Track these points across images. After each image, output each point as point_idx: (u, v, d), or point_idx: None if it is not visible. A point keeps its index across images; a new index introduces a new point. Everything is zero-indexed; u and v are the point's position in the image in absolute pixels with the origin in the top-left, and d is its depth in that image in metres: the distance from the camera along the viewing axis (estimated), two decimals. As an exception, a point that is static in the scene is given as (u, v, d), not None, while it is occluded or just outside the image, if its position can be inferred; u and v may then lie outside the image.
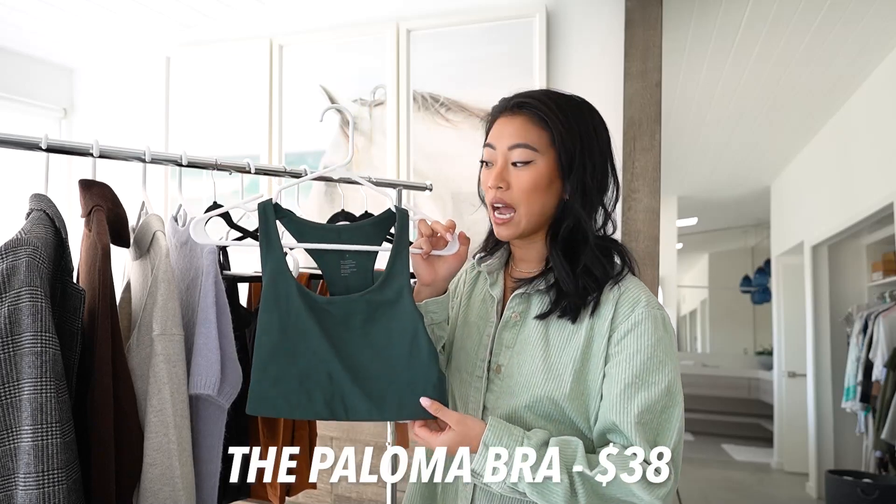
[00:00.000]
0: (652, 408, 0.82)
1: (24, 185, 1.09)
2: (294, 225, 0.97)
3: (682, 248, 7.71)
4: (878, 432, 3.15)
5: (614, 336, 0.87)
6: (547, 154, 0.89)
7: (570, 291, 0.89)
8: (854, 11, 2.39)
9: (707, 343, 9.10)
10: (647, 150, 1.74)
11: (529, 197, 0.89)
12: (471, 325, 1.01)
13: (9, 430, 0.82)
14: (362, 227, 0.99)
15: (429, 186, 1.66)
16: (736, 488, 4.63)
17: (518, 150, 0.89)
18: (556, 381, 0.88)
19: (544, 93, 0.93)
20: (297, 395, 0.86)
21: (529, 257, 0.98)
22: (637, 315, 0.86)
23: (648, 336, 0.85)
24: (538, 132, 0.89)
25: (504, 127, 0.92)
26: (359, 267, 0.97)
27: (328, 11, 2.18)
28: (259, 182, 2.19)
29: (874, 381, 3.35)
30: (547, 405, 0.88)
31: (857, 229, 3.68)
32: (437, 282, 0.99)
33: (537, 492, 0.80)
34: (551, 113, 0.89)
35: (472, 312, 1.03)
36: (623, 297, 0.88)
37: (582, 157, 0.89)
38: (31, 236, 0.87)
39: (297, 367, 0.87)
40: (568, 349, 0.89)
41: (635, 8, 1.77)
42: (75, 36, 2.37)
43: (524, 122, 0.90)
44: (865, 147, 3.32)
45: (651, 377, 0.83)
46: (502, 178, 0.90)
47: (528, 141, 0.89)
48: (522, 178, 0.89)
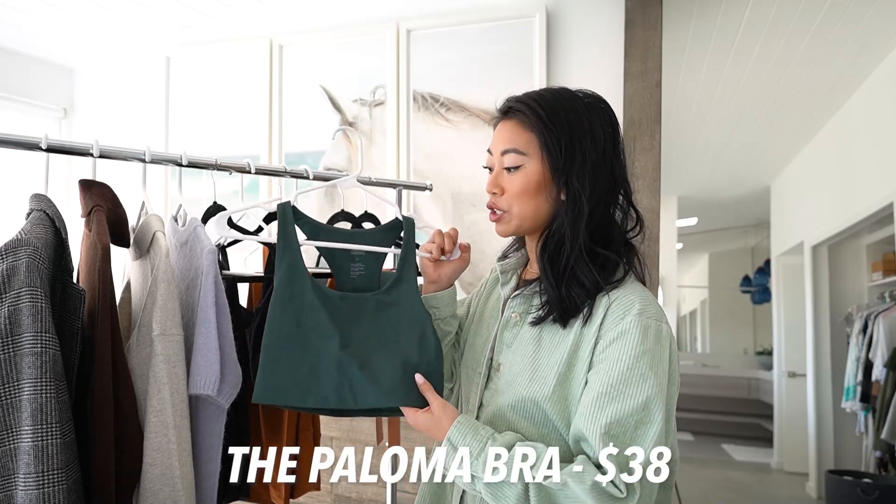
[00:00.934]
0: (623, 421, 0.77)
1: (24, 185, 1.09)
2: (309, 227, 1.01)
3: (682, 248, 7.71)
4: (877, 432, 3.15)
5: (600, 343, 0.83)
6: (536, 157, 0.89)
7: (552, 299, 0.88)
8: (854, 11, 2.39)
9: (707, 343, 9.10)
10: (647, 150, 1.74)
11: (520, 200, 0.91)
12: (483, 324, 1.04)
13: (9, 431, 0.82)
14: (372, 233, 1.05)
15: (429, 186, 1.66)
16: (736, 488, 4.63)
17: (508, 156, 0.91)
18: (539, 382, 0.86)
19: (536, 95, 0.91)
20: (308, 383, 0.88)
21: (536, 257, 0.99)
22: (626, 323, 0.81)
23: (633, 346, 0.80)
24: (527, 136, 0.89)
25: (499, 132, 0.94)
26: (367, 270, 1.02)
27: (328, 11, 2.18)
28: (259, 182, 2.19)
29: (874, 381, 3.35)
30: (529, 406, 0.86)
31: (857, 229, 3.68)
32: (441, 279, 1.05)
33: (491, 493, 0.80)
34: (535, 117, 0.88)
35: (487, 312, 1.05)
36: (615, 303, 0.84)
37: (570, 159, 0.86)
38: (31, 236, 0.87)
39: (307, 357, 0.89)
40: (556, 352, 0.87)
41: (635, 8, 1.77)
42: (75, 36, 2.37)
43: (514, 126, 0.91)
44: (865, 147, 3.32)
45: (628, 389, 0.78)
46: (496, 184, 0.93)
47: (517, 146, 0.90)
48: (513, 182, 0.91)
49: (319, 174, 1.40)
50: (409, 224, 1.07)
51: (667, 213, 5.06)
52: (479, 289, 1.13)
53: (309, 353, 0.90)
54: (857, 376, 3.51)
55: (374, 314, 0.96)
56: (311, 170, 1.36)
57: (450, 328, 1.06)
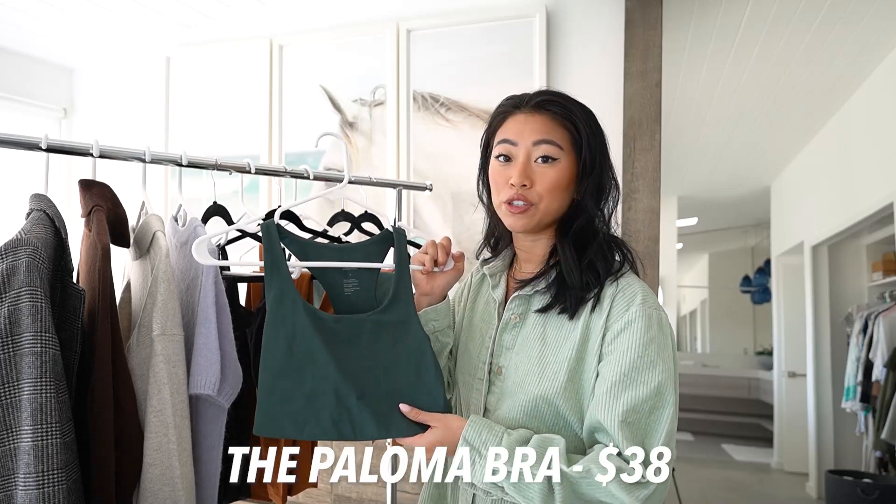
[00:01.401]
0: (638, 408, 0.80)
1: (24, 185, 1.09)
2: (296, 245, 0.97)
3: (682, 248, 7.71)
4: (878, 432, 3.15)
5: (608, 335, 0.86)
6: (570, 155, 0.90)
7: (573, 284, 0.89)
8: (854, 11, 2.39)
9: (707, 343, 9.10)
10: (647, 150, 1.74)
11: (551, 195, 0.89)
12: (475, 329, 1.02)
13: (9, 431, 0.82)
14: (362, 247, 1.01)
15: (429, 186, 1.66)
16: (736, 488, 4.63)
17: (544, 146, 0.89)
18: (550, 380, 0.87)
19: (563, 94, 0.93)
20: (305, 415, 0.85)
21: (533, 256, 0.98)
22: (631, 314, 0.85)
23: (640, 335, 0.83)
24: (562, 132, 0.90)
25: (526, 123, 0.91)
26: (361, 286, 0.98)
27: (328, 11, 2.18)
28: (259, 182, 2.19)
29: (874, 381, 3.35)
30: (542, 405, 0.87)
31: (857, 229, 3.68)
32: (434, 292, 1.02)
33: (515, 489, 0.80)
34: (575, 114, 0.90)
35: (477, 316, 1.03)
36: (620, 294, 0.87)
37: (602, 158, 0.92)
38: (31, 236, 0.87)
39: (303, 387, 0.86)
40: (564, 347, 0.88)
41: (635, 8, 1.77)
42: (75, 36, 2.37)
43: (548, 119, 0.90)
44: (865, 147, 3.32)
45: (640, 376, 0.81)
46: (526, 176, 0.89)
47: (555, 138, 0.89)
48: (547, 175, 0.89)
49: (319, 174, 1.40)
50: (401, 236, 1.03)
51: (667, 213, 5.06)
52: (461, 292, 1.11)
53: (304, 382, 0.86)
54: (858, 376, 3.51)
55: (371, 337, 0.92)
56: (311, 170, 1.36)
57: (448, 339, 1.05)
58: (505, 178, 0.91)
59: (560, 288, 0.90)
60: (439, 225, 2.01)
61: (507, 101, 0.96)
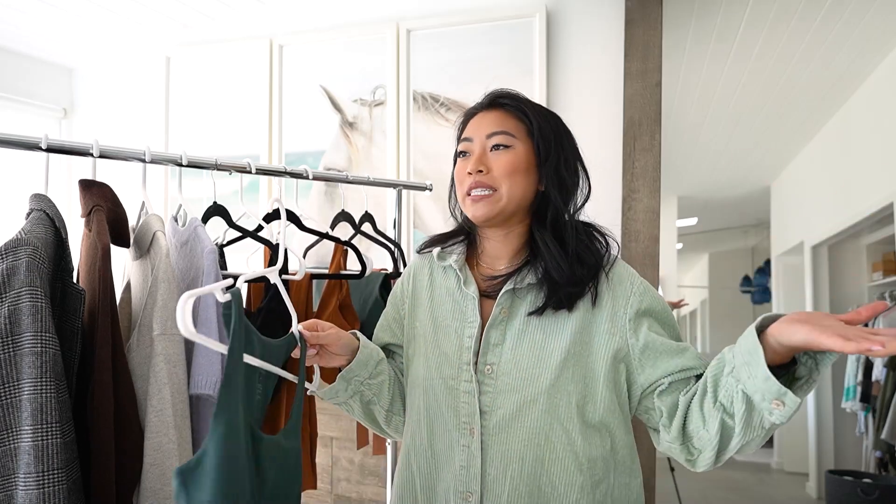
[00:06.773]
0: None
1: (24, 185, 1.09)
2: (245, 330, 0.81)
3: (682, 248, 7.71)
4: (878, 432, 3.15)
5: (629, 311, 0.90)
6: (525, 143, 0.93)
7: (563, 279, 0.89)
8: (854, 11, 2.39)
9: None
10: (647, 150, 1.74)
11: (511, 178, 0.91)
12: (446, 328, 0.96)
13: (9, 430, 0.82)
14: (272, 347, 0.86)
15: (429, 186, 1.66)
16: (736, 488, 4.63)
17: (497, 136, 0.92)
18: (558, 368, 0.87)
19: (515, 92, 0.98)
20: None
21: (503, 252, 0.97)
22: (638, 286, 0.92)
23: (658, 297, 0.93)
24: (516, 122, 0.94)
25: (481, 119, 0.95)
26: (262, 394, 0.87)
27: (328, 11, 2.18)
28: (259, 182, 2.20)
29: (874, 381, 3.35)
30: (554, 395, 0.87)
31: (857, 229, 3.68)
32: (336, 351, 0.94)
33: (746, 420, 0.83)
34: (526, 107, 0.94)
35: (443, 313, 0.98)
36: (615, 278, 0.92)
37: (557, 148, 0.93)
38: (31, 236, 0.87)
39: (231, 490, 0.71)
40: (564, 334, 0.89)
41: (635, 7, 1.77)
42: (75, 36, 2.37)
43: (501, 113, 0.95)
44: (866, 147, 3.32)
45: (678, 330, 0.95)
46: (482, 163, 0.92)
47: (507, 128, 0.93)
48: (502, 160, 0.91)
49: (319, 174, 1.40)
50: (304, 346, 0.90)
51: (667, 213, 5.06)
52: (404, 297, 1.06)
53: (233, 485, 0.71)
54: (858, 376, 3.51)
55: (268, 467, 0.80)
56: (310, 170, 1.36)
57: (382, 377, 0.99)
58: (464, 171, 0.94)
59: (552, 286, 0.90)
60: (439, 225, 2.01)
61: (467, 110, 1.01)
